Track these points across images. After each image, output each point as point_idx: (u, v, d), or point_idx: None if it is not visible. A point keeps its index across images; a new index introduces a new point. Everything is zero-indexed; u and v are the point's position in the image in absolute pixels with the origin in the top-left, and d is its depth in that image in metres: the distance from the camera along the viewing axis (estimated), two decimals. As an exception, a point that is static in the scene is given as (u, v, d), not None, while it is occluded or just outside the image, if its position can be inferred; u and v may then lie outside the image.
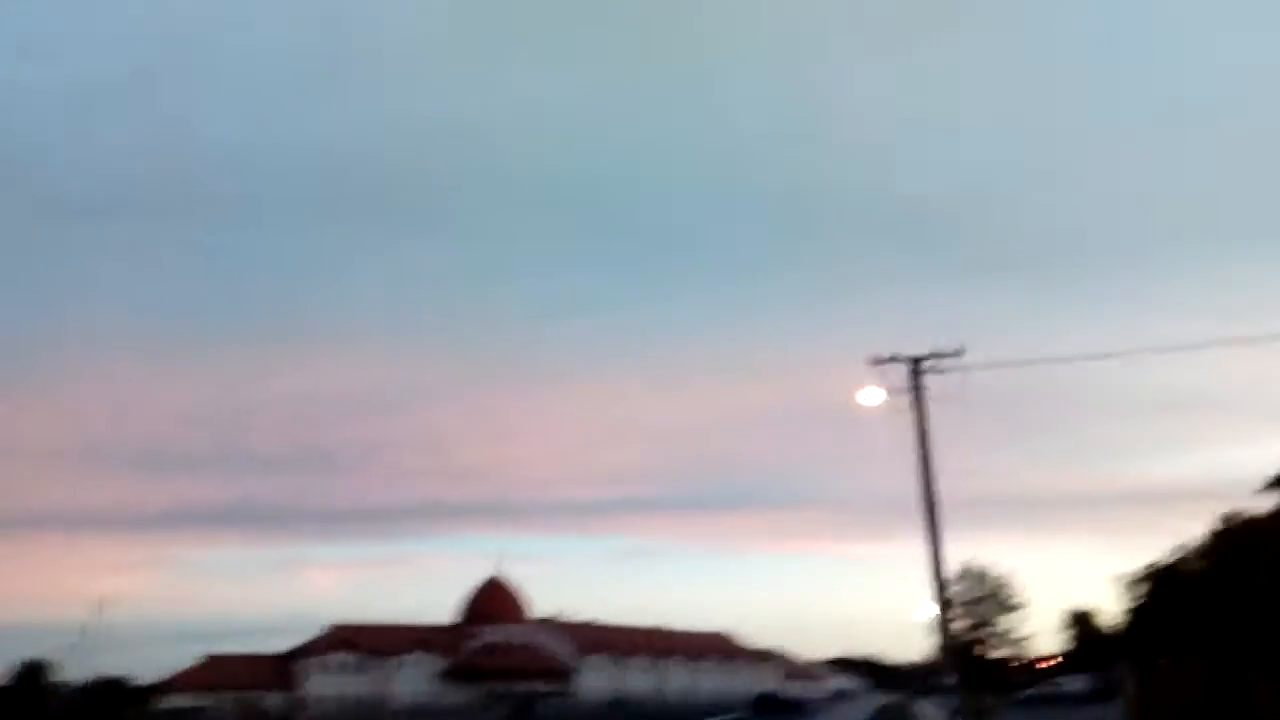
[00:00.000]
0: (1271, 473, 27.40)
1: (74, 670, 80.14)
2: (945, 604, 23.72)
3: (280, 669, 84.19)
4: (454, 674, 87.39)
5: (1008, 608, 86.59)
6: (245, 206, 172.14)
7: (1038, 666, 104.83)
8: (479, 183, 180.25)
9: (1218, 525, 29.70)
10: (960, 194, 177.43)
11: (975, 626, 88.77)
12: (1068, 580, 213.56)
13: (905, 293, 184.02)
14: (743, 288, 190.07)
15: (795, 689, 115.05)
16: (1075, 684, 53.86)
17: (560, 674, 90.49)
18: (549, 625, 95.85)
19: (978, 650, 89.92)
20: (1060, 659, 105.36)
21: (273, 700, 78.38)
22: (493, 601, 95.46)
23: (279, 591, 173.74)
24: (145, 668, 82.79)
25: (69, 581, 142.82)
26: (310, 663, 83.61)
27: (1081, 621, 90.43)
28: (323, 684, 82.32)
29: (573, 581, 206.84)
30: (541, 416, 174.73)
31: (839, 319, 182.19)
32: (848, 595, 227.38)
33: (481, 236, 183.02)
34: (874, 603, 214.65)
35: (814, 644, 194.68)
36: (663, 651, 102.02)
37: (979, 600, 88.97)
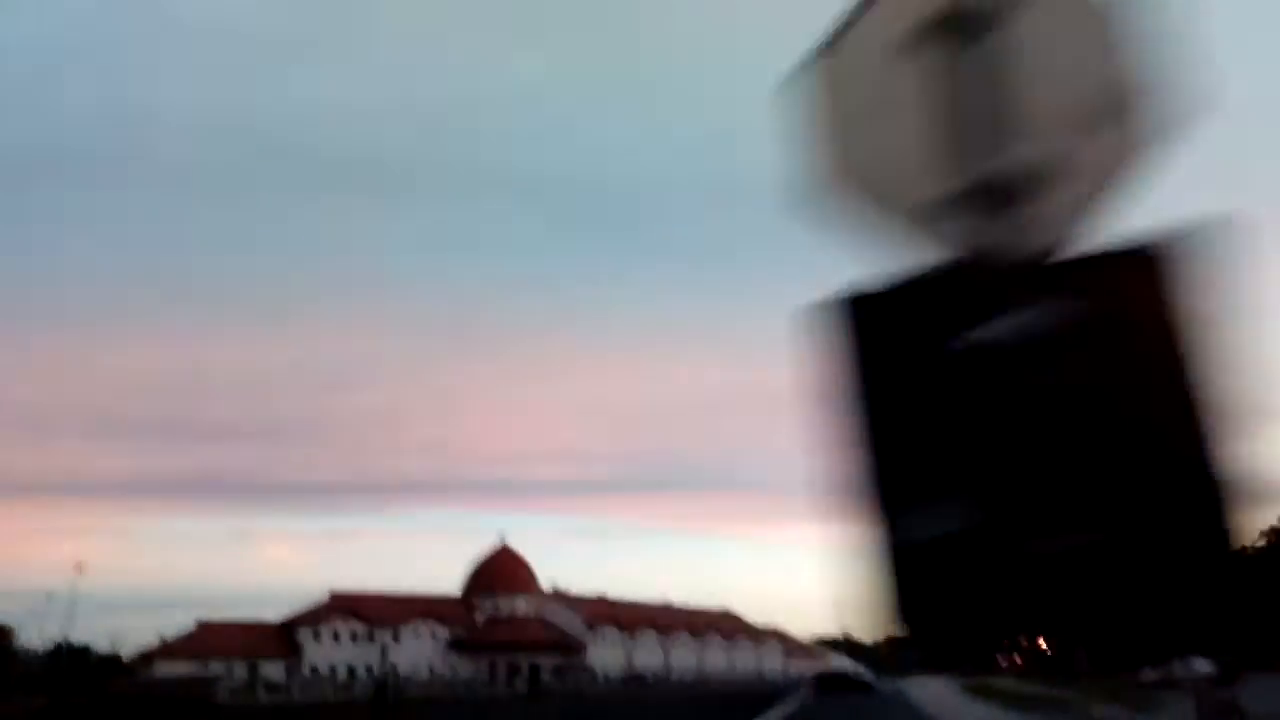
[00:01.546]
0: None
1: (34, 637, 76.29)
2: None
3: (278, 637, 79.54)
4: (462, 645, 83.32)
5: None
6: (204, 174, 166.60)
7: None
8: (440, 156, 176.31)
9: None
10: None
11: None
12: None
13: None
14: (708, 265, 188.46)
15: (799, 667, 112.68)
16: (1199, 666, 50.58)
17: (570, 648, 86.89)
18: (557, 598, 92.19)
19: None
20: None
21: (273, 669, 73.94)
22: (500, 572, 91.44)
23: (235, 563, 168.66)
24: (102, 636, 78.79)
25: (23, 548, 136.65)
26: (311, 631, 79.05)
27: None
28: (324, 652, 77.94)
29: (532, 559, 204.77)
30: (500, 393, 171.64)
31: (804, 298, 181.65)
32: (806, 577, 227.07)
33: (442, 210, 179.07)
34: (830, 585, 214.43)
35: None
36: (669, 627, 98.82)
37: None
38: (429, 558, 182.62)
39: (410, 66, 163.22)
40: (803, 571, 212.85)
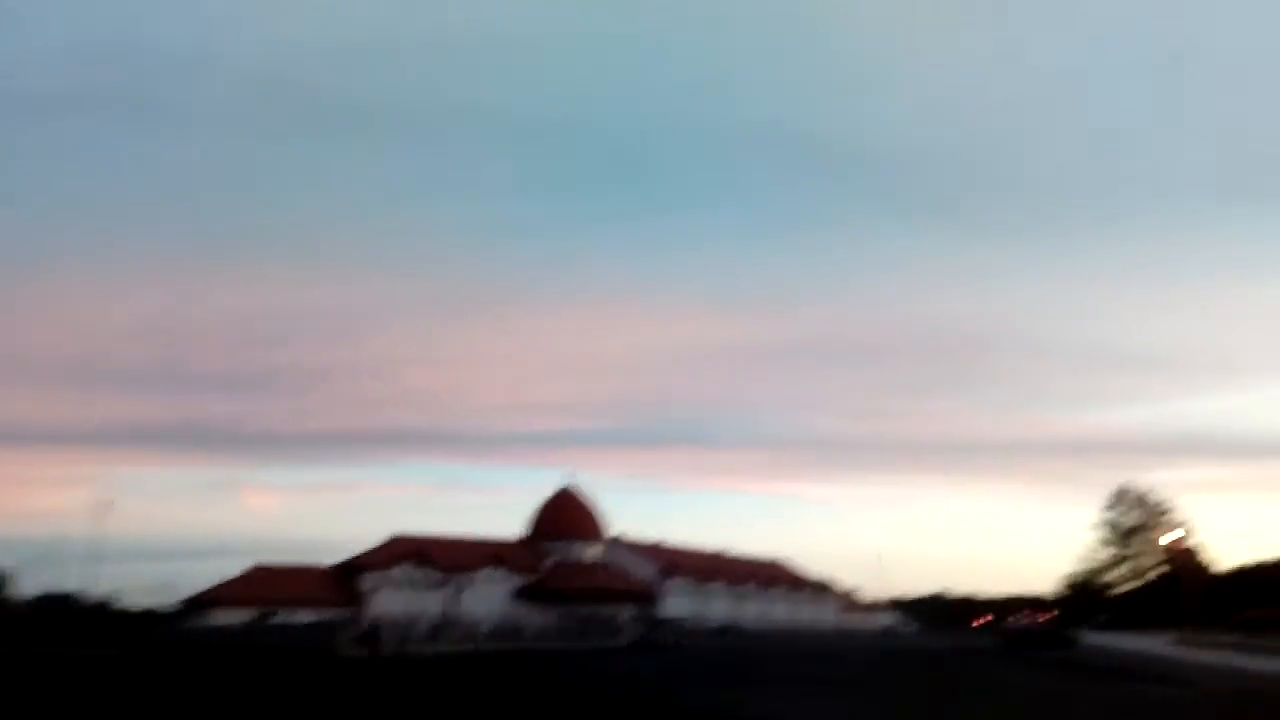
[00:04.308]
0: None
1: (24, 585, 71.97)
2: None
3: (337, 582, 73.91)
4: (530, 593, 77.97)
5: (1170, 528, 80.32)
6: (197, 118, 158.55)
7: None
8: (432, 105, 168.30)
9: None
10: (915, 141, 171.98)
11: (1122, 559, 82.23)
12: (1004, 525, 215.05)
13: (855, 234, 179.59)
14: (695, 219, 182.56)
15: (852, 621, 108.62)
16: None
17: (643, 596, 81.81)
18: (624, 544, 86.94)
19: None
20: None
21: (338, 616, 68.31)
22: (566, 517, 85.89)
23: (220, 513, 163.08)
24: (89, 584, 73.62)
25: (7, 497, 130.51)
26: (373, 577, 73.37)
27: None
28: (388, 600, 72.29)
29: (516, 511, 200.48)
30: (490, 344, 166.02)
31: (783, 255, 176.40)
32: (801, 533, 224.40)
33: (432, 160, 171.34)
34: (827, 541, 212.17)
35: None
36: (736, 577, 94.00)
37: (1136, 529, 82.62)
38: (426, 510, 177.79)
39: (412, 5, 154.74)
40: (801, 527, 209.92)
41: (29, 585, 75.29)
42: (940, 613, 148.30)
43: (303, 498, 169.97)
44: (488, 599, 75.49)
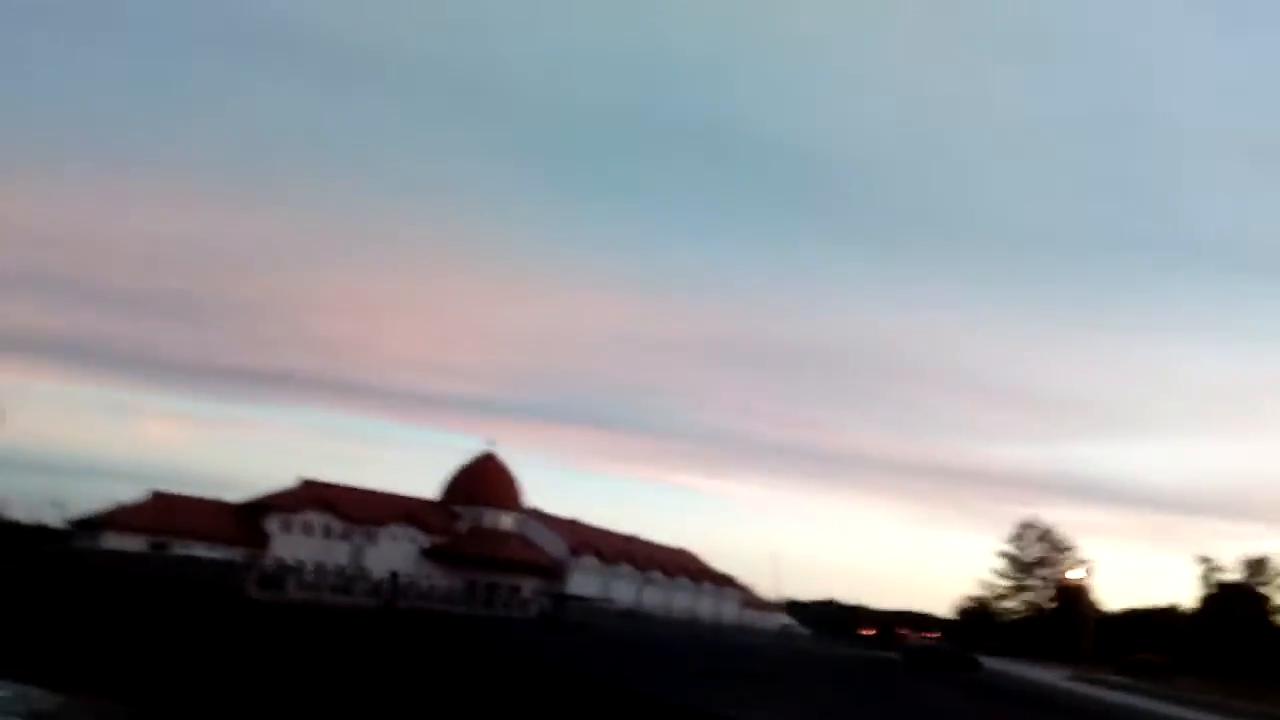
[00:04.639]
0: None
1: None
2: None
3: (241, 520, 71.39)
4: (438, 554, 76.60)
5: (1070, 565, 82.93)
6: (111, 22, 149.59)
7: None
8: (378, 44, 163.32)
9: None
10: (862, 158, 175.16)
11: (1019, 589, 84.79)
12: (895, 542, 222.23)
13: (796, 243, 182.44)
14: (631, 204, 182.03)
15: (751, 618, 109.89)
16: None
17: (551, 572, 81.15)
18: (539, 517, 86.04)
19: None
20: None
21: (235, 555, 65.93)
22: (484, 482, 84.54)
23: (114, 435, 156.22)
24: None
25: None
26: (282, 519, 71.10)
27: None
28: (294, 544, 70.18)
29: (420, 472, 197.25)
30: (405, 299, 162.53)
31: (723, 254, 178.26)
32: (700, 526, 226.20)
33: (361, 99, 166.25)
34: (724, 537, 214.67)
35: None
36: (643, 562, 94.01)
37: (1036, 562, 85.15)
38: (330, 459, 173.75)
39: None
40: (701, 520, 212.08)
41: None
42: (829, 618, 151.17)
43: (203, 430, 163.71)
44: (394, 555, 73.83)
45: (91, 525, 66.26)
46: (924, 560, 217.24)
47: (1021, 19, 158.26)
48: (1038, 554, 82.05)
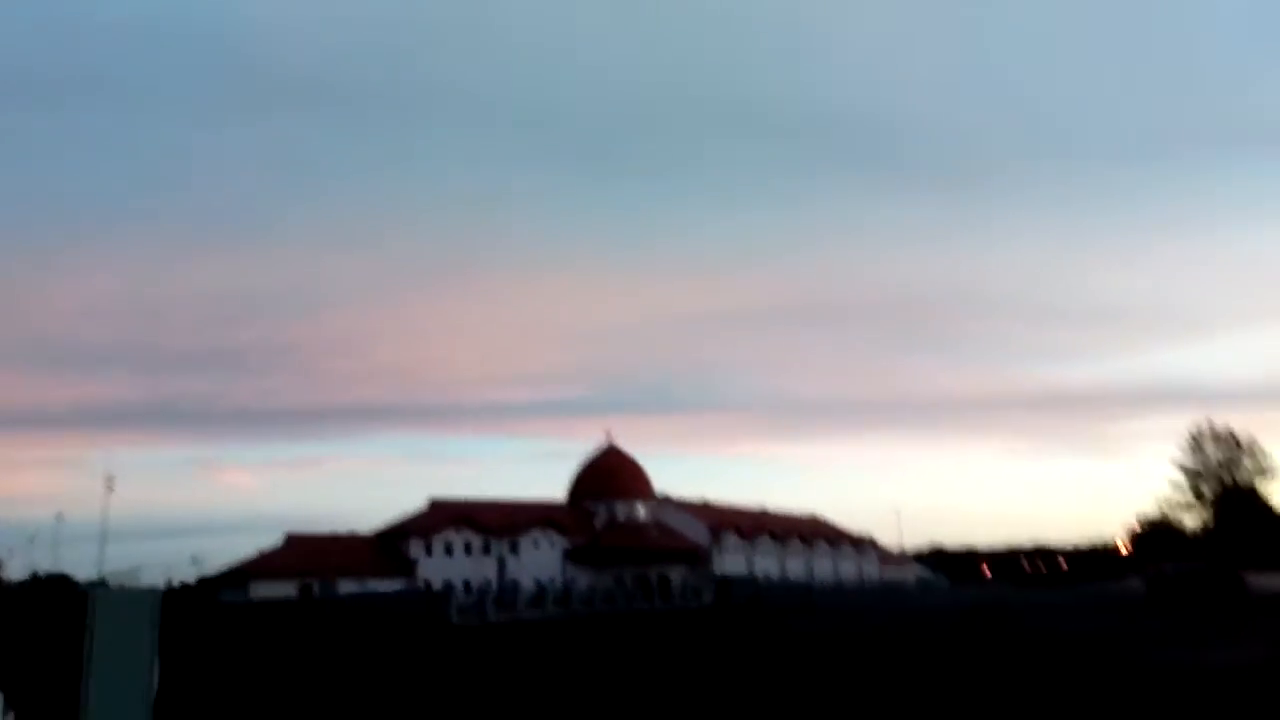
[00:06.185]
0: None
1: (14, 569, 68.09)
2: None
3: (379, 550, 69.31)
4: (581, 555, 73.80)
5: (1262, 471, 77.66)
6: (156, 97, 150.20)
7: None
8: (403, 74, 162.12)
9: None
10: (886, 106, 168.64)
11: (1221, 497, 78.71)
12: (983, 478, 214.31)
13: (834, 202, 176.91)
14: (677, 187, 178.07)
15: (890, 574, 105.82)
16: None
17: (696, 556, 77.96)
18: (673, 503, 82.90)
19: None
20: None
21: (388, 585, 63.81)
22: (611, 475, 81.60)
23: (197, 491, 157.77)
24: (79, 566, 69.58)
25: None
26: (422, 542, 68.83)
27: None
28: (437, 566, 67.91)
29: (495, 482, 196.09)
30: (461, 316, 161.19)
31: (762, 226, 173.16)
32: (802, 491, 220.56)
33: (407, 132, 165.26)
34: (833, 498, 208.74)
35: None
36: (781, 534, 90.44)
37: (1220, 468, 79.48)
38: (397, 485, 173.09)
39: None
40: (809, 488, 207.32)
41: (16, 568, 70.77)
42: (947, 564, 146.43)
43: (277, 473, 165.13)
44: (539, 562, 71.28)
45: (238, 576, 64.62)
46: (1032, 493, 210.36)
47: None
48: (1221, 457, 76.52)
